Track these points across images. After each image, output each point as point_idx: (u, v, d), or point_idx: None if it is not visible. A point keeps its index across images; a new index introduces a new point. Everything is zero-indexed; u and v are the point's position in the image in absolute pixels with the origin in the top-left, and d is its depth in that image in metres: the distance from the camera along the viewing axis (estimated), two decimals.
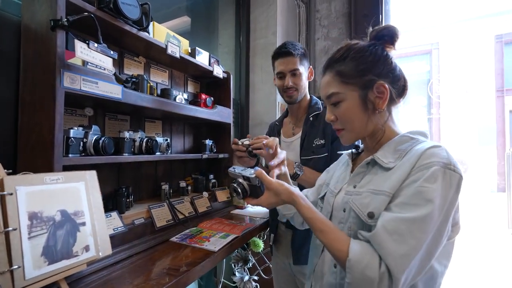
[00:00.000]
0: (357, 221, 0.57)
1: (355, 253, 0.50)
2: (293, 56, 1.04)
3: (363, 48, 0.61)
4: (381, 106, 0.58)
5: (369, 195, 0.56)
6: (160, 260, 0.82)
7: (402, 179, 0.52)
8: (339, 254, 0.52)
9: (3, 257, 0.51)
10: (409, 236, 0.47)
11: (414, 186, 0.50)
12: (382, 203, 0.53)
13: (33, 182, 0.61)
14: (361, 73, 0.59)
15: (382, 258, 0.48)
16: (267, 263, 1.64)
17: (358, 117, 0.60)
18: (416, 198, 0.49)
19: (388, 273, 0.47)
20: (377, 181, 0.57)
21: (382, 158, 0.58)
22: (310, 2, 2.52)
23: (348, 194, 0.62)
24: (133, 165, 1.13)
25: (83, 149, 0.80)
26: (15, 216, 0.55)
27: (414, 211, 0.48)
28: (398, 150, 0.58)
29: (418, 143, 0.57)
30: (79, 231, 0.65)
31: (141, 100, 0.94)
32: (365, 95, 0.59)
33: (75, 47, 0.66)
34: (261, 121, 2.11)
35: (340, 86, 0.60)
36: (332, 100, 0.61)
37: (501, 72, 7.92)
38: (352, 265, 0.49)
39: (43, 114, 0.71)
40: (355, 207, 0.57)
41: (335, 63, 0.62)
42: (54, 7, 0.69)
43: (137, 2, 0.91)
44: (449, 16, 7.25)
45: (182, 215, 1.10)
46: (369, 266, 0.48)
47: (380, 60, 0.60)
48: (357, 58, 0.60)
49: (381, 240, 0.48)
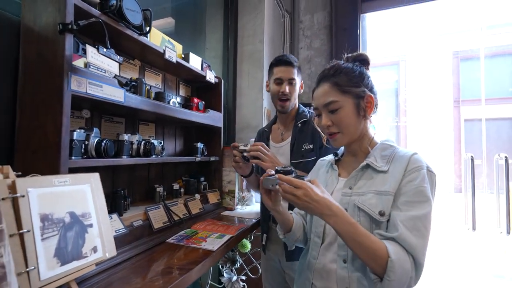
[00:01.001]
0: (367, 219, 0.65)
1: (395, 254, 0.57)
2: (292, 67, 1.13)
3: (352, 66, 0.73)
4: (369, 113, 0.70)
5: (374, 196, 0.65)
6: (162, 260, 0.84)
7: (399, 180, 0.64)
8: (380, 256, 0.57)
9: (20, 258, 0.51)
10: (424, 229, 0.59)
11: (414, 185, 0.62)
12: (388, 202, 0.63)
13: (43, 184, 0.61)
14: (355, 85, 0.69)
15: (408, 251, 0.58)
16: (254, 263, 1.69)
17: (353, 122, 0.70)
18: (418, 196, 0.61)
19: (414, 262, 0.58)
20: (376, 184, 0.66)
21: (374, 163, 0.69)
22: (294, 13, 2.65)
23: (347, 195, 0.70)
24: (127, 168, 1.13)
25: (85, 152, 0.81)
26: (28, 218, 0.55)
27: (422, 208, 0.60)
28: (384, 155, 0.69)
29: (397, 149, 0.70)
30: (87, 233, 0.66)
31: (140, 104, 0.95)
32: (358, 103, 0.69)
33: (87, 52, 0.67)
34: (248, 125, 2.17)
35: (338, 95, 0.69)
36: (330, 107, 0.70)
37: (458, 85, 8.80)
38: (395, 264, 0.56)
39: (47, 116, 0.70)
40: (365, 207, 0.65)
41: (331, 76, 0.72)
42: (62, 11, 0.69)
43: (139, 8, 0.93)
44: (415, 32, 7.93)
45: (177, 216, 1.12)
46: (405, 261, 0.58)
47: (365, 76, 0.72)
48: (348, 73, 0.71)
49: (405, 237, 0.58)
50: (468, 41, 7.52)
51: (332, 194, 0.74)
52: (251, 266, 1.70)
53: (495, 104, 7.06)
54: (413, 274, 0.58)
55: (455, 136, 8.77)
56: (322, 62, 2.56)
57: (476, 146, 6.53)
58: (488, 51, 6.67)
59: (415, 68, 9.06)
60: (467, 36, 7.49)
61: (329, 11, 2.55)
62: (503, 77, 6.60)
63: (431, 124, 8.82)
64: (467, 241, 2.92)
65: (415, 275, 0.59)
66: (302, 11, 2.67)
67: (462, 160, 3.51)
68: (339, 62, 0.76)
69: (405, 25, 7.17)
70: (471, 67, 7.42)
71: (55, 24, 0.70)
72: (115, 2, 0.83)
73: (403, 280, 0.57)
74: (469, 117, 8.19)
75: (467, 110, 8.18)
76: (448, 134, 8.76)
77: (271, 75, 1.19)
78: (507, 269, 2.72)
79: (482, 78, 6.23)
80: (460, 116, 8.84)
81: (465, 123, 8.87)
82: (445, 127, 8.79)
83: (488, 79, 6.52)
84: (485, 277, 2.60)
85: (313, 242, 0.76)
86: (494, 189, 2.57)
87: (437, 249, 3.23)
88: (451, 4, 6.45)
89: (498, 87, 6.59)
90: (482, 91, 6.23)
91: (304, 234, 0.83)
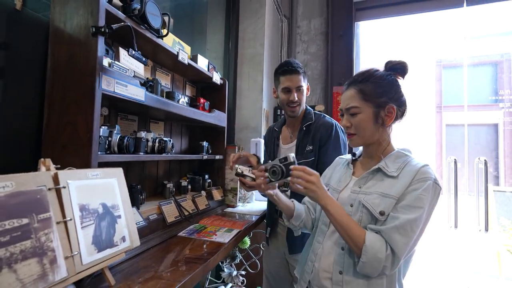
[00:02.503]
0: (368, 216, 0.73)
1: (370, 241, 0.67)
2: (298, 74, 1.17)
3: (382, 75, 0.77)
4: (388, 123, 0.76)
5: (379, 197, 0.72)
6: (179, 251, 0.90)
7: (405, 187, 0.70)
8: (358, 240, 0.68)
9: (66, 244, 0.56)
10: (410, 231, 0.66)
11: (416, 193, 0.67)
12: (390, 205, 0.70)
13: (79, 177, 0.65)
14: (379, 95, 0.75)
15: (389, 245, 0.66)
16: (253, 259, 1.76)
17: (369, 128, 0.76)
18: (417, 202, 0.67)
19: (392, 254, 0.66)
20: (383, 186, 0.73)
21: (386, 168, 0.75)
22: (292, 19, 2.75)
23: (355, 192, 0.78)
24: (140, 164, 1.17)
25: (108, 147, 0.85)
26: (69, 208, 0.60)
27: (414, 213, 0.66)
28: (397, 162, 0.76)
29: (411, 159, 0.76)
30: (117, 223, 0.71)
31: (157, 102, 1.00)
32: (378, 112, 0.75)
33: (120, 54, 0.72)
34: (247, 126, 2.23)
35: (360, 102, 0.75)
36: (351, 111, 0.77)
37: (440, 91, 9.25)
38: (367, 249, 0.66)
39: (78, 113, 0.74)
40: (368, 205, 0.73)
41: (358, 83, 0.77)
42: (95, 15, 0.74)
43: (159, 12, 0.98)
44: (401, 40, 8.27)
45: (187, 212, 1.17)
46: (379, 250, 0.66)
47: (393, 87, 0.77)
48: (376, 82, 0.76)
49: (390, 232, 0.66)
50: (451, 50, 7.92)
51: (343, 190, 0.82)
52: (250, 262, 1.77)
53: (475, 110, 7.47)
54: (388, 264, 0.66)
55: (437, 140, 9.19)
56: (318, 66, 2.66)
57: (457, 150, 6.88)
58: (470, 60, 7.06)
59: None
60: (450, 45, 7.89)
61: (325, 18, 2.66)
62: (483, 85, 7.00)
63: (414, 128, 9.20)
64: (450, 238, 3.12)
65: (390, 265, 0.66)
66: (299, 16, 2.76)
67: (446, 163, 3.74)
68: (372, 69, 0.78)
69: (393, 34, 7.50)
70: (454, 75, 7.81)
71: (87, 26, 0.74)
72: (139, 6, 0.88)
73: (375, 265, 0.66)
74: (450, 123, 8.60)
75: (449, 115, 8.58)
76: (430, 138, 9.16)
77: (278, 84, 1.22)
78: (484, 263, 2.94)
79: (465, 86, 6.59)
80: (442, 121, 9.28)
81: (446, 128, 9.31)
82: (428, 131, 9.19)
83: (470, 87, 6.90)
84: (465, 270, 2.80)
85: (319, 229, 0.85)
86: (474, 190, 2.77)
87: (423, 245, 3.42)
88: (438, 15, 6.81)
89: (479, 95, 6.98)
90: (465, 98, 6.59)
91: (312, 221, 0.92)
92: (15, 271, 0.46)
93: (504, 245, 3.24)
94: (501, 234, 3.36)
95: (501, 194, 3.77)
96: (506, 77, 6.19)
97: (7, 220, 0.48)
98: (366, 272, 0.69)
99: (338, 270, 0.75)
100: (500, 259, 3.08)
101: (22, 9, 0.76)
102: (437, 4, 2.44)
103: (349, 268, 0.74)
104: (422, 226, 0.68)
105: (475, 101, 7.24)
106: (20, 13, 0.76)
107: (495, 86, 6.65)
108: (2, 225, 0.47)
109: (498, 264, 3.03)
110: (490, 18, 5.87)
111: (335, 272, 0.76)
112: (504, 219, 3.36)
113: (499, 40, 6.57)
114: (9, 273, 0.45)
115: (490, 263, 3.01)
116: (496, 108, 6.66)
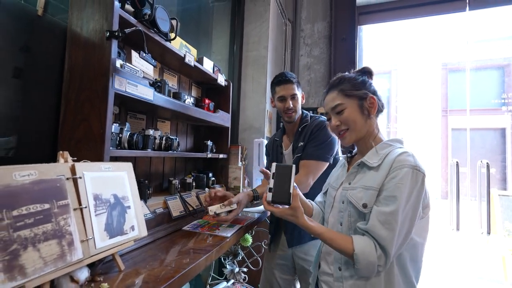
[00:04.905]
0: (354, 210, 0.76)
1: (359, 248, 0.69)
2: (292, 83, 1.26)
3: (354, 75, 0.85)
4: (372, 112, 0.81)
5: (362, 190, 0.76)
6: (184, 243, 0.94)
7: (384, 177, 0.72)
8: (347, 251, 0.70)
9: (81, 229, 0.61)
10: (395, 223, 0.66)
11: (393, 182, 0.70)
12: (372, 196, 0.73)
13: (93, 169, 0.70)
14: (357, 89, 0.81)
15: (378, 242, 0.67)
16: (255, 256, 1.79)
17: (358, 120, 0.80)
18: (395, 191, 0.68)
19: (383, 252, 0.67)
20: (366, 179, 0.77)
21: (368, 160, 0.79)
22: (296, 22, 2.80)
23: (345, 189, 0.82)
24: (147, 161, 1.22)
25: (118, 143, 0.90)
26: (85, 196, 0.65)
27: (394, 204, 0.67)
28: (379, 154, 0.78)
29: (395, 149, 0.77)
30: (126, 213, 0.76)
31: (165, 102, 1.06)
32: (362, 104, 0.80)
33: (132, 56, 0.78)
34: (250, 126, 2.28)
35: (343, 99, 0.81)
36: (337, 109, 0.81)
37: (446, 95, 9.20)
38: (358, 256, 0.68)
39: (92, 111, 0.80)
40: (352, 200, 0.77)
41: (336, 85, 0.84)
42: (110, 20, 0.80)
43: (168, 17, 1.04)
44: (406, 44, 8.27)
45: (191, 207, 1.22)
46: (370, 254, 0.68)
47: (367, 83, 0.84)
48: (351, 80, 0.83)
49: (375, 229, 0.68)
50: (456, 54, 7.89)
51: (339, 188, 0.85)
52: (252, 259, 1.80)
53: (481, 114, 7.41)
54: (382, 263, 0.67)
55: (442, 144, 9.13)
56: (321, 69, 2.71)
57: (463, 154, 6.83)
58: (474, 64, 7.03)
59: (406, 77, 9.40)
60: (454, 49, 7.86)
61: (329, 22, 2.71)
62: (489, 89, 6.96)
63: (420, 131, 9.16)
64: (452, 240, 3.09)
65: (383, 264, 0.67)
66: (303, 20, 2.82)
67: (448, 165, 3.73)
68: (343, 73, 0.87)
69: (398, 37, 7.52)
70: (459, 78, 7.77)
71: (102, 30, 0.80)
72: (149, 12, 0.94)
73: (370, 269, 0.68)
74: (456, 126, 8.53)
75: (454, 119, 8.52)
76: (436, 142, 9.09)
77: (274, 94, 1.31)
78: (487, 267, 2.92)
79: (467, 89, 6.57)
80: (447, 125, 9.22)
81: (452, 132, 9.24)
82: (433, 135, 9.13)
83: (475, 91, 6.86)
84: (467, 274, 2.79)
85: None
86: (477, 192, 2.77)
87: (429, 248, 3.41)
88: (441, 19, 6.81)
89: (485, 98, 6.94)
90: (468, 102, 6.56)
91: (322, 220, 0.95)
92: (39, 250, 0.52)
93: (509, 250, 3.22)
94: (506, 238, 3.34)
95: (506, 198, 3.74)
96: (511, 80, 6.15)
97: (32, 204, 0.53)
98: (363, 276, 0.71)
99: (337, 267, 0.78)
100: (505, 263, 3.05)
101: (43, 15, 0.82)
102: (440, 9, 2.47)
103: (347, 265, 0.76)
104: (411, 215, 0.68)
105: (480, 105, 7.19)
106: (41, 18, 0.83)
107: (501, 89, 6.61)
108: (28, 209, 0.52)
109: (504, 269, 3.01)
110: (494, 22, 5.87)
111: (335, 269, 0.78)
112: (508, 224, 3.34)
113: (504, 44, 6.54)
114: (33, 251, 0.51)
115: (493, 268, 2.99)
116: (502, 113, 6.61)
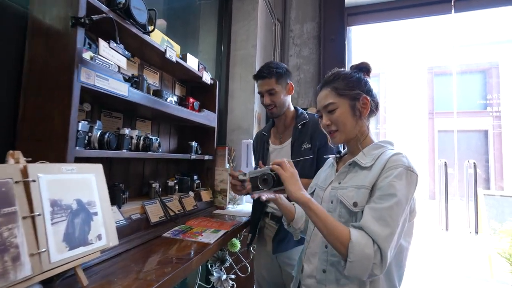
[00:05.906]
0: (345, 210, 0.72)
1: (355, 237, 0.63)
2: (268, 78, 1.18)
3: (350, 72, 0.81)
4: (364, 114, 0.77)
5: (353, 189, 0.72)
6: (162, 252, 0.86)
7: (377, 176, 0.69)
8: (342, 238, 0.64)
9: (32, 240, 0.52)
10: (390, 219, 0.62)
11: (387, 181, 0.66)
12: (364, 195, 0.69)
13: (52, 171, 0.62)
14: (351, 88, 0.77)
15: (374, 240, 0.62)
16: (244, 262, 1.72)
17: (349, 121, 0.76)
18: (389, 189, 0.65)
19: (379, 249, 0.62)
20: (358, 179, 0.73)
21: (361, 160, 0.75)
22: (285, 22, 2.77)
23: (335, 189, 0.77)
24: (124, 162, 1.13)
25: (88, 143, 0.82)
26: (39, 202, 0.56)
27: (389, 201, 0.64)
28: (372, 154, 0.75)
29: (387, 150, 0.75)
30: (92, 220, 0.67)
31: (142, 99, 0.98)
32: (354, 104, 0.76)
33: (99, 45, 0.70)
34: (239, 127, 2.21)
35: (336, 98, 0.77)
36: (329, 108, 0.77)
37: (432, 98, 9.42)
38: (354, 245, 0.62)
39: (54, 106, 0.72)
40: (343, 199, 0.72)
41: (330, 82, 0.80)
42: (75, 6, 0.72)
43: (145, 7, 0.97)
44: (394, 47, 8.45)
45: (172, 212, 1.14)
46: (367, 245, 0.62)
47: (362, 81, 0.79)
48: (346, 79, 0.79)
49: (369, 224, 0.64)
50: (442, 58, 8.11)
51: (327, 188, 0.81)
52: (241, 265, 1.73)
53: (466, 117, 7.62)
54: (377, 261, 0.61)
55: (429, 146, 9.32)
56: (310, 69, 2.68)
57: (449, 156, 6.99)
58: (459, 68, 7.24)
59: (394, 81, 9.59)
60: (440, 53, 8.09)
61: (318, 22, 2.69)
62: (473, 92, 7.18)
63: (408, 133, 9.33)
64: (441, 240, 3.12)
65: (379, 262, 0.61)
66: (292, 20, 2.79)
67: (436, 166, 3.78)
68: (339, 69, 0.83)
69: (386, 41, 7.68)
70: (444, 82, 7.98)
71: (67, 17, 0.72)
72: (123, 0, 0.86)
73: (364, 263, 0.61)
74: (442, 128, 8.74)
75: (440, 121, 8.73)
76: (423, 144, 9.29)
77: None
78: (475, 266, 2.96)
79: (454, 92, 6.75)
80: (434, 127, 9.43)
81: (438, 134, 9.46)
82: (420, 137, 9.33)
83: (460, 94, 7.06)
84: (456, 273, 2.81)
85: (309, 229, 0.84)
86: (464, 193, 2.80)
87: (414, 247, 3.42)
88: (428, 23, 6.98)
89: (469, 101, 7.15)
90: (454, 104, 6.74)
91: (306, 224, 0.90)
92: None
93: (495, 248, 3.27)
94: (492, 237, 3.39)
95: (491, 197, 3.82)
96: (494, 82, 6.35)
97: None
98: (355, 274, 0.63)
99: (322, 269, 0.74)
100: (491, 262, 3.09)
101: None
102: (426, 11, 2.49)
103: (334, 267, 0.72)
104: (403, 215, 0.65)
105: (465, 107, 7.39)
106: None
107: (484, 92, 6.82)
108: None
109: (490, 267, 3.04)
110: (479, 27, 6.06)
111: (319, 271, 0.74)
112: (494, 222, 3.40)
113: (488, 48, 6.77)
114: None
115: (481, 266, 3.02)
116: (485, 115, 6.81)
